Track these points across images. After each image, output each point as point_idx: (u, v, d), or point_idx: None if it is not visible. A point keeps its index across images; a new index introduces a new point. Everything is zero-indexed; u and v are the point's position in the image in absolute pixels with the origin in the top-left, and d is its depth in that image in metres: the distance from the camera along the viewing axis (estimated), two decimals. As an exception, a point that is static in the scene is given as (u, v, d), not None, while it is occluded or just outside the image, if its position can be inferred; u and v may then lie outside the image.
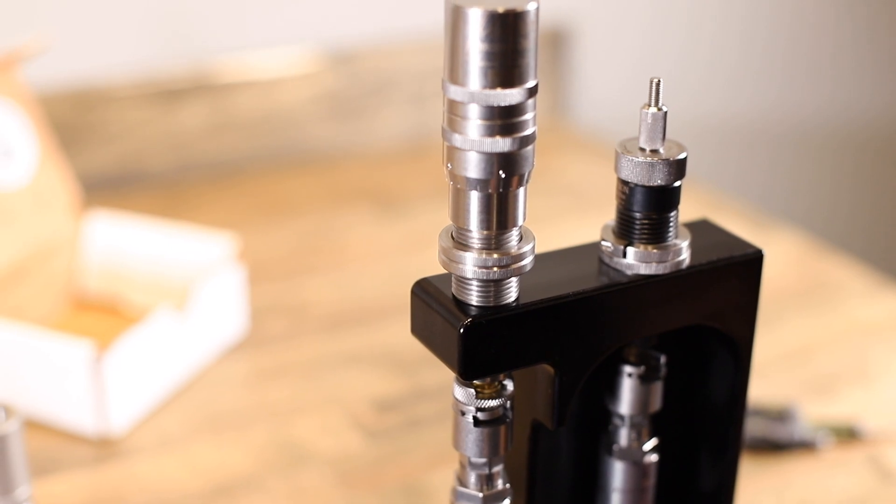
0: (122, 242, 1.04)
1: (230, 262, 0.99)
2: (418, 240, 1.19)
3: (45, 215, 1.01)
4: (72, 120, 1.25)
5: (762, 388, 0.92)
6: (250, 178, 1.34)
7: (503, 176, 0.48)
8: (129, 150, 1.30)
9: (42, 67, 1.16)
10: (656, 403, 0.59)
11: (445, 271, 0.53)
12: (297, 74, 1.36)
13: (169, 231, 1.03)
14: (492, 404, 0.55)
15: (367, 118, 1.41)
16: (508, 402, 0.55)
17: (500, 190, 0.49)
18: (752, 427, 0.85)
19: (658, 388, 0.59)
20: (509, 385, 0.55)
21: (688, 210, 0.58)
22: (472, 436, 0.55)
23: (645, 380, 0.58)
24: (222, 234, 1.06)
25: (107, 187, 1.29)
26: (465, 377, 0.52)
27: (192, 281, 0.98)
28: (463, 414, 0.55)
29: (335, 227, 1.22)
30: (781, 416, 0.86)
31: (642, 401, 0.58)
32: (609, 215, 0.58)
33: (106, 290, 1.05)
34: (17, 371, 0.87)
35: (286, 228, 1.22)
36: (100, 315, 1.03)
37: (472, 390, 0.54)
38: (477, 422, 0.55)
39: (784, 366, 0.96)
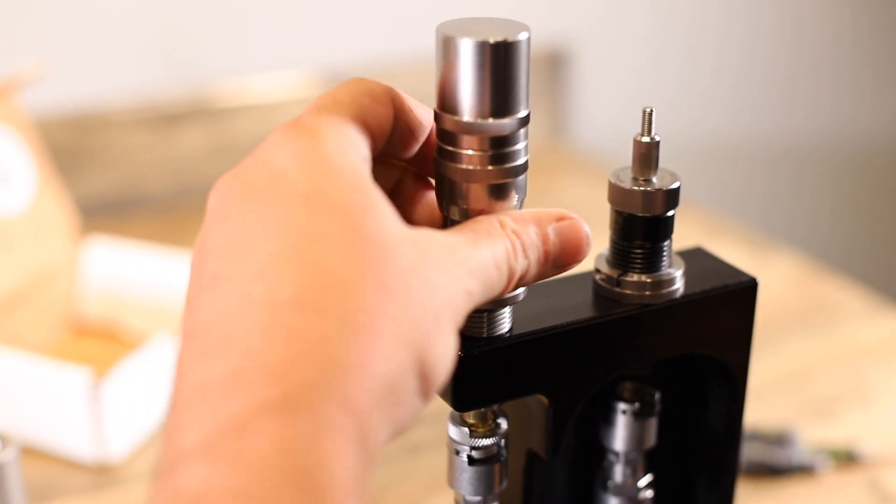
0: (121, 268, 1.04)
1: (228, 287, 0.99)
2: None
3: (43, 241, 1.01)
4: (71, 145, 1.26)
5: (760, 411, 0.92)
6: (250, 201, 1.34)
7: (496, 205, 0.48)
8: (129, 175, 1.30)
9: (40, 93, 1.16)
10: (651, 440, 0.59)
11: None
12: (296, 98, 1.36)
13: (168, 256, 1.03)
14: (486, 443, 0.55)
15: (365, 141, 1.41)
16: (503, 440, 0.55)
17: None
18: (751, 451, 0.85)
19: (653, 425, 0.58)
20: (503, 423, 0.55)
21: (687, 233, 0.58)
22: (467, 475, 0.55)
23: (639, 416, 0.58)
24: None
25: (106, 212, 1.29)
26: (459, 409, 0.52)
27: (190, 306, 0.98)
28: (457, 453, 0.55)
29: (334, 251, 1.22)
30: (780, 439, 0.86)
31: (637, 437, 0.58)
32: (605, 236, 0.58)
33: (105, 315, 1.05)
34: (15, 398, 0.87)
35: (285, 252, 1.22)
36: (98, 341, 1.03)
37: (467, 429, 0.54)
38: (472, 461, 0.55)
39: (782, 389, 0.96)
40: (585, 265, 0.58)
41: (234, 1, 1.33)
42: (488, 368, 0.51)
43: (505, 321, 0.52)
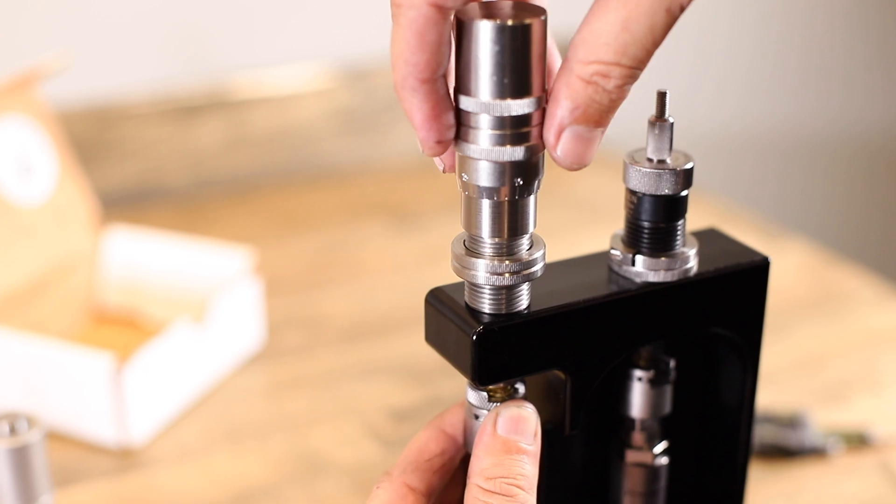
0: (141, 257, 1.06)
1: (247, 275, 1.00)
2: (432, 253, 1.21)
3: (64, 231, 1.02)
4: (91, 137, 1.27)
5: (774, 395, 0.93)
6: (266, 193, 1.36)
7: (516, 184, 0.50)
8: (147, 167, 1.31)
9: (61, 85, 1.18)
10: (666, 407, 0.60)
11: (450, 284, 0.55)
12: (312, 91, 1.37)
13: (186, 245, 1.04)
14: None
15: (381, 134, 1.43)
16: None
17: (512, 198, 0.50)
18: (764, 434, 0.86)
19: (668, 392, 0.60)
20: (521, 388, 0.56)
21: (700, 220, 0.60)
22: None
23: (655, 384, 0.59)
24: (239, 248, 1.07)
25: (125, 203, 1.30)
26: (480, 383, 0.53)
27: (209, 294, 0.99)
28: (476, 417, 0.56)
29: (350, 241, 1.24)
30: (793, 422, 0.87)
31: (652, 404, 0.60)
32: (619, 227, 0.59)
33: (125, 303, 1.06)
34: (38, 383, 0.89)
35: (302, 242, 1.23)
36: (119, 328, 1.05)
37: (485, 394, 0.55)
38: None
39: (795, 373, 0.97)
40: (601, 245, 0.60)
41: (251, -5, 1.34)
42: (507, 343, 0.53)
43: (523, 298, 0.53)
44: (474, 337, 0.52)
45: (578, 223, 1.25)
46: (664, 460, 0.61)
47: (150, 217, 1.27)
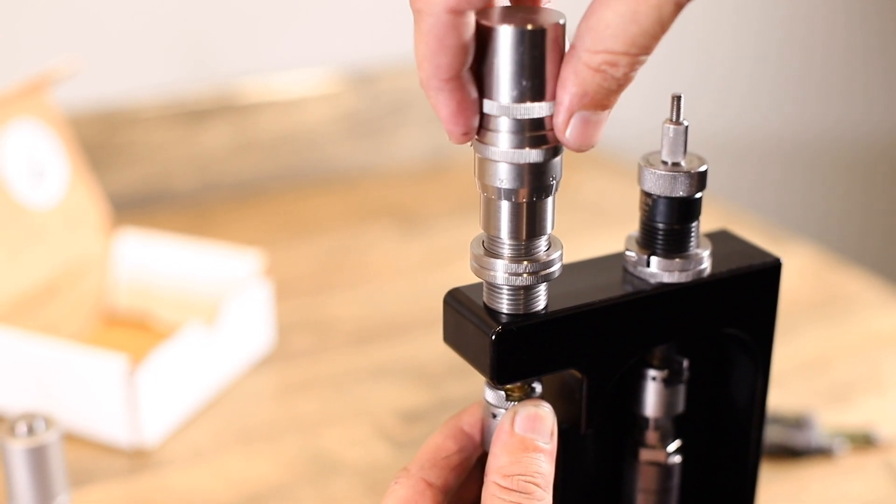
0: (151, 260, 1.06)
1: (257, 278, 1.01)
2: (439, 256, 1.21)
3: (75, 234, 1.03)
4: (100, 141, 1.28)
5: (780, 396, 0.94)
6: (273, 197, 1.37)
7: (534, 186, 0.50)
8: (155, 171, 1.32)
9: (71, 90, 1.18)
10: (679, 406, 0.61)
11: (468, 285, 0.56)
12: (319, 95, 1.38)
13: (197, 249, 1.05)
14: None
15: (387, 137, 1.43)
16: None
17: (530, 199, 0.51)
18: (771, 434, 0.87)
19: (681, 391, 0.61)
20: (538, 387, 0.57)
21: (705, 223, 0.60)
22: None
23: (668, 383, 0.60)
24: (248, 251, 1.08)
25: (134, 207, 1.31)
26: (498, 382, 0.54)
27: (220, 297, 1.00)
28: (494, 416, 0.57)
29: (358, 245, 1.24)
30: (799, 423, 0.88)
31: (666, 403, 0.60)
32: (627, 230, 0.60)
33: (136, 306, 1.07)
34: (53, 385, 0.89)
35: (310, 246, 1.24)
36: (130, 331, 1.05)
37: (503, 393, 0.56)
38: None
39: (801, 375, 0.98)
40: (607, 246, 0.60)
41: (259, 0, 1.35)
42: (525, 343, 0.54)
43: (541, 298, 0.54)
44: (493, 337, 0.53)
45: (583, 226, 1.26)
46: (677, 459, 0.62)
47: (158, 220, 1.28)
